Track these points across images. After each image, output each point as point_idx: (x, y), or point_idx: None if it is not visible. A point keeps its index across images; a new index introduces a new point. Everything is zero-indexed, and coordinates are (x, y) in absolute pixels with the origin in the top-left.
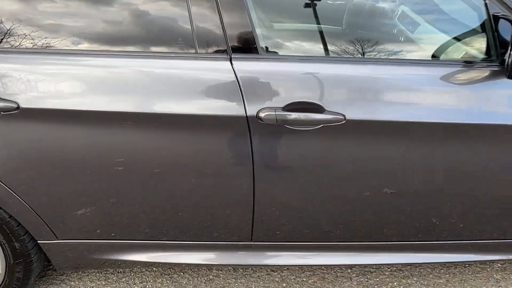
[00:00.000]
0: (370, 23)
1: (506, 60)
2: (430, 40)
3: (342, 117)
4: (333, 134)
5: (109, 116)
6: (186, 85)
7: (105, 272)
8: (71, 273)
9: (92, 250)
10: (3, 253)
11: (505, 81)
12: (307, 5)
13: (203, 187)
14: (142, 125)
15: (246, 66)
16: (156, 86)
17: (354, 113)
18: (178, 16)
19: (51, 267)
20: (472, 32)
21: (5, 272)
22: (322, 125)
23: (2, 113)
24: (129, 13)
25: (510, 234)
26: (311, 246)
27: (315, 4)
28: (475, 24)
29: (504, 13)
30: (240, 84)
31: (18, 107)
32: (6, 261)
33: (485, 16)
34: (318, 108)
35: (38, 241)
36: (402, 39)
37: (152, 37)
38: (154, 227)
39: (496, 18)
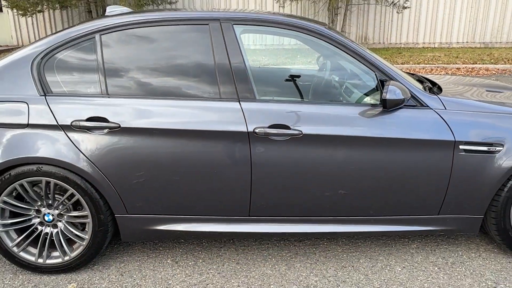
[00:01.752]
0: (325, 93)
1: (381, 100)
2: (357, 97)
3: (300, 132)
4: (296, 142)
5: (171, 132)
6: (215, 114)
7: (147, 251)
8: (123, 252)
9: (151, 222)
10: (92, 221)
11: (389, 115)
12: (286, 80)
13: (221, 176)
14: (191, 138)
15: (248, 105)
16: (200, 116)
17: (307, 129)
18: (212, 81)
19: (108, 250)
20: (376, 89)
21: (91, 236)
22: (289, 137)
23: (108, 130)
24: (188, 80)
25: (407, 212)
26: (290, 220)
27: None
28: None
29: (382, 78)
30: (244, 114)
31: (119, 126)
32: (93, 228)
33: (376, 81)
34: (286, 127)
35: (115, 215)
36: (344, 101)
37: (197, 91)
38: (190, 205)
39: (381, 81)
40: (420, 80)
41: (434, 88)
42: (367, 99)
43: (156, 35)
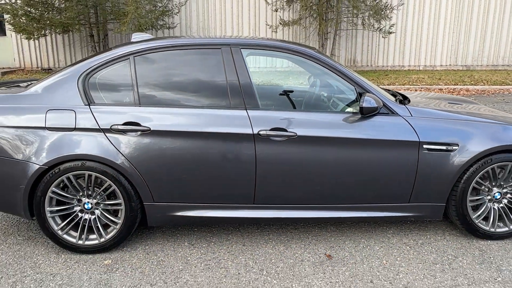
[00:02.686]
0: (316, 105)
1: (359, 108)
2: (341, 107)
3: (295, 134)
4: (292, 142)
5: (191, 134)
6: (226, 120)
7: (167, 237)
8: (147, 238)
9: (173, 209)
10: (125, 208)
11: (366, 120)
12: (284, 94)
13: (231, 170)
14: (207, 139)
15: (253, 113)
16: (213, 120)
17: (300, 132)
18: (224, 94)
19: (133, 237)
20: (356, 101)
21: (123, 221)
22: (286, 138)
23: (140, 132)
24: (204, 93)
25: (383, 200)
26: (288, 207)
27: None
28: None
29: (360, 91)
30: (250, 119)
31: (149, 129)
32: (125, 214)
33: (356, 94)
34: (284, 130)
35: (144, 202)
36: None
37: (212, 101)
38: (205, 195)
39: (360, 94)
40: (394, 94)
41: (406, 100)
42: (350, 109)
43: (178, 56)
